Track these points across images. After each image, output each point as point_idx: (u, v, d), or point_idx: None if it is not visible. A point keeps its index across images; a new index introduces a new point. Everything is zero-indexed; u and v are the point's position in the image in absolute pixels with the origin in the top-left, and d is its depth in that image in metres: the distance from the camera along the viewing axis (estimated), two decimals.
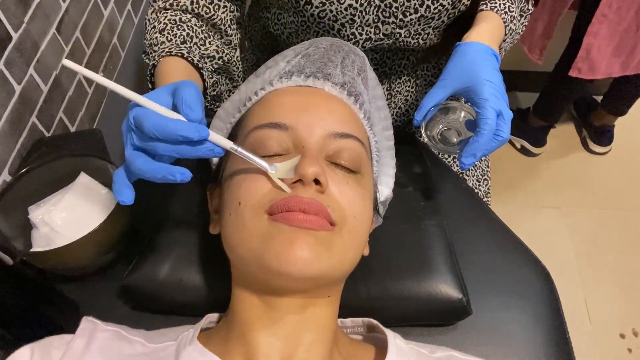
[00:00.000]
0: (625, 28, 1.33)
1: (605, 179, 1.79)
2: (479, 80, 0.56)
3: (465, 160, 0.56)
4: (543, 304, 0.62)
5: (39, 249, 0.61)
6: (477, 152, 0.55)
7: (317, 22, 0.66)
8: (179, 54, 0.59)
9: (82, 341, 0.46)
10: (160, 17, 0.64)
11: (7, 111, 0.66)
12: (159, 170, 0.41)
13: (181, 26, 0.63)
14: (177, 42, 0.61)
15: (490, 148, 0.55)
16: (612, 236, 1.63)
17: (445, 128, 0.63)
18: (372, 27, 0.67)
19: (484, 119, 0.54)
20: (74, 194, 0.65)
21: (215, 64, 0.67)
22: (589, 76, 1.42)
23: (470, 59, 0.58)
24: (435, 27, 0.68)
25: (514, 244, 0.68)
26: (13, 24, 0.67)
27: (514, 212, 1.64)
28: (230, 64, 0.70)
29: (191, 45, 0.63)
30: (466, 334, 0.60)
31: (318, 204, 0.44)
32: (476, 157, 0.55)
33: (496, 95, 0.55)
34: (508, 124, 0.56)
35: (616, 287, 1.51)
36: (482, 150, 0.55)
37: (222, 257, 0.52)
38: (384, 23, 0.66)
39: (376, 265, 0.58)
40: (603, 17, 1.31)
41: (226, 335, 0.47)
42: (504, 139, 0.55)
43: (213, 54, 0.66)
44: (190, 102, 0.41)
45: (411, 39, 0.69)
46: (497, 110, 0.55)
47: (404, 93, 0.79)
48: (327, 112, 0.50)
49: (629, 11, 1.29)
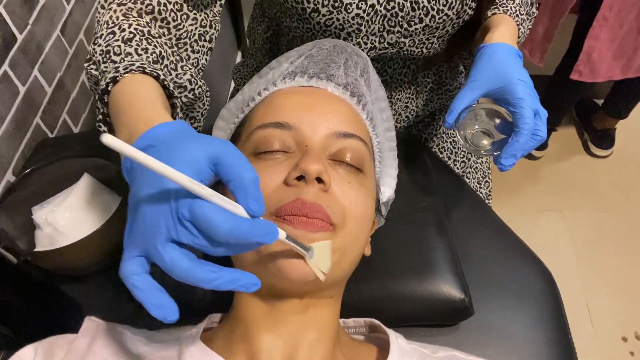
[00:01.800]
0: (626, 31, 1.33)
1: (607, 182, 1.79)
2: (512, 80, 0.55)
3: (505, 161, 0.54)
4: (545, 304, 0.62)
5: (42, 248, 0.62)
6: (517, 152, 0.54)
7: (323, 30, 0.66)
8: (154, 73, 0.46)
9: (85, 340, 0.47)
10: (123, 22, 0.50)
11: (12, 112, 0.67)
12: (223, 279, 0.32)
13: (152, 41, 0.51)
14: (150, 60, 0.49)
15: (529, 148, 0.54)
16: (614, 239, 1.62)
17: (475, 131, 0.61)
18: (377, 37, 0.67)
19: (522, 119, 0.53)
20: (77, 195, 0.65)
21: (184, 97, 0.55)
22: (590, 79, 1.43)
23: (499, 60, 0.57)
24: (440, 36, 0.68)
25: (515, 245, 0.68)
26: (18, 25, 0.67)
27: (515, 215, 1.64)
28: (199, 100, 0.58)
29: (162, 67, 0.51)
30: (468, 335, 0.60)
31: (319, 206, 0.44)
32: (516, 158, 0.54)
33: (531, 94, 0.55)
34: (545, 122, 0.55)
35: (618, 290, 1.50)
36: (522, 150, 0.54)
37: (225, 257, 0.52)
38: (389, 32, 0.67)
39: (378, 266, 0.59)
40: (604, 21, 1.31)
41: (229, 334, 0.48)
42: (542, 138, 0.55)
43: (186, 84, 0.54)
44: (254, 193, 0.32)
45: (415, 48, 0.69)
46: (533, 110, 0.54)
47: (404, 100, 0.79)
48: (330, 112, 0.51)
49: (629, 14, 1.29)
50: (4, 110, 0.65)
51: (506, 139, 0.56)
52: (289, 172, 0.45)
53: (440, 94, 0.83)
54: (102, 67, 0.48)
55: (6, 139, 0.66)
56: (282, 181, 0.46)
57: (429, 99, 0.81)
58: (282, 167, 0.46)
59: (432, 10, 0.64)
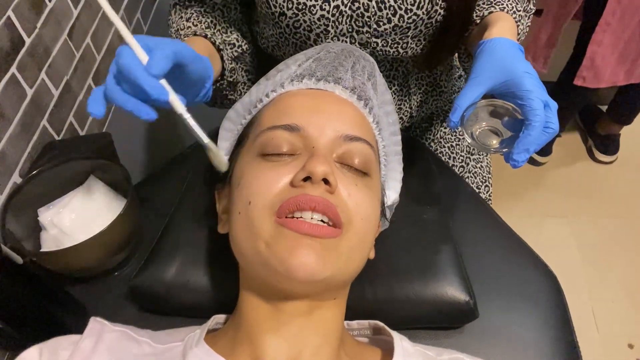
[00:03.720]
0: (629, 36, 1.33)
1: (612, 188, 1.78)
2: (517, 72, 0.52)
3: (517, 157, 0.51)
4: (550, 307, 0.62)
5: (48, 249, 0.62)
6: (530, 146, 0.50)
7: (293, 32, 0.67)
8: (203, 34, 0.64)
9: (90, 341, 0.47)
10: (186, 11, 0.69)
11: (19, 114, 0.67)
12: (128, 103, 0.41)
13: (206, 15, 0.69)
14: (202, 27, 0.67)
15: (542, 142, 0.51)
16: (619, 245, 1.61)
17: (482, 129, 0.57)
18: (347, 37, 0.67)
19: (532, 111, 0.50)
20: (82, 196, 0.66)
21: (234, 52, 0.70)
22: (593, 85, 1.43)
23: (501, 54, 0.55)
24: (414, 36, 0.67)
25: (519, 247, 0.68)
26: (26, 29, 0.68)
27: (520, 220, 1.62)
28: (247, 53, 0.74)
29: (214, 31, 0.68)
30: (473, 337, 0.59)
31: (327, 202, 0.44)
32: (529, 152, 0.50)
33: (538, 86, 0.51)
34: (555, 114, 0.52)
35: (624, 296, 1.49)
36: (534, 144, 0.50)
37: (229, 259, 0.52)
38: (358, 32, 0.66)
39: (382, 268, 0.58)
40: (606, 26, 1.31)
41: (233, 336, 0.48)
42: (555, 131, 0.51)
43: (233, 41, 0.70)
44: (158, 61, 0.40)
45: (389, 48, 0.69)
46: (543, 101, 0.51)
47: (397, 102, 0.79)
48: (337, 114, 0.51)
49: (632, 19, 1.29)
50: (12, 112, 0.66)
51: (515, 136, 0.53)
52: (295, 173, 0.46)
53: (435, 96, 0.83)
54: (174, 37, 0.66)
55: (13, 141, 0.66)
56: (288, 182, 0.46)
57: (423, 100, 0.81)
58: (289, 168, 0.47)
59: (399, 9, 0.63)
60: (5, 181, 0.65)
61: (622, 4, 1.26)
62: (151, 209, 0.70)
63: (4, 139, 0.65)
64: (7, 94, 0.65)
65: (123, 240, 0.64)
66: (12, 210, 0.62)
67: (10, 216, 0.61)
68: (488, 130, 0.57)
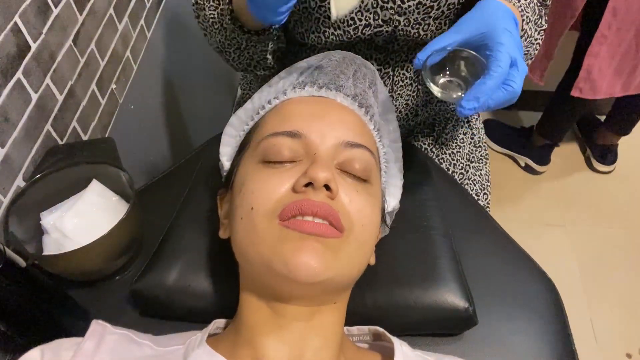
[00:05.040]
0: (625, 49, 1.34)
1: (610, 197, 1.79)
2: (497, 27, 0.50)
3: (465, 103, 0.48)
4: (549, 315, 0.62)
5: (50, 253, 0.62)
6: (480, 95, 0.47)
7: (318, 6, 0.66)
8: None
9: (92, 343, 0.47)
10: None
11: (24, 119, 0.68)
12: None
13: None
14: None
15: (497, 98, 0.48)
16: (618, 255, 1.62)
17: (448, 79, 0.54)
18: (371, 13, 0.66)
19: (495, 61, 0.48)
20: (85, 201, 0.66)
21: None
22: (590, 96, 1.43)
23: (490, 12, 0.52)
24: (436, 17, 0.67)
25: (518, 255, 0.68)
26: (32, 34, 0.69)
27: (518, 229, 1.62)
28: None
29: None
30: (472, 344, 0.59)
31: (329, 207, 0.45)
32: (479, 102, 0.47)
33: (513, 43, 0.49)
34: (521, 76, 0.49)
35: (622, 306, 1.49)
36: (486, 94, 0.47)
37: (231, 264, 0.52)
38: (382, 9, 0.66)
39: (383, 274, 0.59)
40: (603, 39, 1.32)
41: (234, 340, 0.48)
42: (514, 91, 0.48)
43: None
44: None
45: (411, 28, 0.69)
46: (512, 58, 0.48)
47: (405, 97, 0.79)
48: (339, 121, 0.52)
49: (628, 32, 1.30)
50: (17, 116, 0.66)
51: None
52: (297, 179, 0.46)
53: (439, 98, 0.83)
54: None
55: (17, 145, 0.67)
56: (289, 188, 0.46)
57: (428, 100, 0.81)
58: (290, 174, 0.47)
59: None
60: (9, 184, 0.66)
61: (618, 17, 1.28)
62: (153, 214, 0.71)
63: (9, 142, 0.65)
64: (12, 99, 0.66)
65: (125, 245, 0.64)
66: (16, 214, 0.62)
67: (14, 219, 0.62)
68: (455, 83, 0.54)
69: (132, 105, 1.00)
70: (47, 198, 0.66)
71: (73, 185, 0.68)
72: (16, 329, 0.53)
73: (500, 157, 1.91)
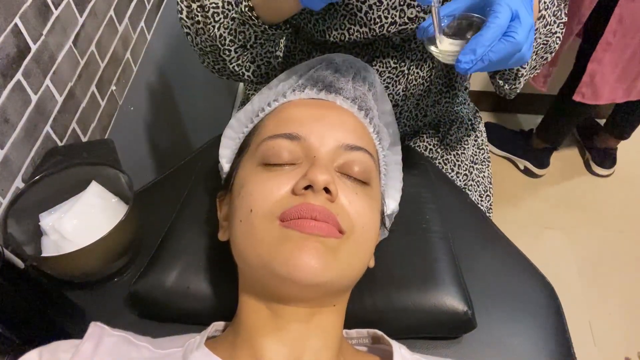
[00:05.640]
0: (629, 56, 1.34)
1: (609, 201, 1.79)
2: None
3: (462, 57, 0.45)
4: (548, 319, 0.62)
5: (48, 255, 0.62)
6: (477, 47, 0.44)
7: (345, 3, 0.65)
8: None
9: (90, 344, 0.47)
10: None
11: (23, 120, 0.68)
12: None
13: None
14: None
15: (498, 51, 0.45)
16: (617, 258, 1.62)
17: (451, 42, 0.51)
18: (397, 10, 0.66)
19: (493, 13, 0.45)
20: (84, 202, 0.66)
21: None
22: (592, 101, 1.44)
23: None
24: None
25: (517, 259, 0.68)
26: (32, 36, 0.69)
27: (517, 232, 1.63)
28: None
29: None
30: (471, 348, 0.59)
31: (328, 211, 0.45)
32: (475, 54, 0.44)
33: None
34: (525, 28, 0.45)
35: (621, 309, 1.49)
36: (484, 46, 0.44)
37: (229, 266, 0.52)
38: (409, 6, 0.65)
39: (381, 277, 0.59)
40: (607, 45, 1.32)
41: (233, 341, 0.48)
42: (517, 42, 0.45)
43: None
44: None
45: None
46: (512, 10, 0.45)
47: (417, 96, 0.79)
48: (338, 124, 0.52)
49: (632, 40, 1.30)
50: (16, 118, 0.66)
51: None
52: (296, 181, 0.46)
53: (448, 98, 0.83)
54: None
55: (17, 146, 0.67)
56: (289, 190, 0.46)
57: (437, 100, 0.81)
58: (290, 176, 0.47)
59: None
60: (8, 186, 0.66)
61: (624, 24, 1.28)
62: (152, 215, 0.71)
63: (8, 144, 0.65)
64: (12, 100, 0.66)
65: (124, 247, 0.64)
66: (15, 215, 0.62)
67: (12, 220, 0.62)
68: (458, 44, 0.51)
69: (132, 106, 1.00)
70: (46, 199, 0.66)
71: (72, 187, 0.68)
72: (14, 331, 0.53)
73: (499, 160, 1.91)
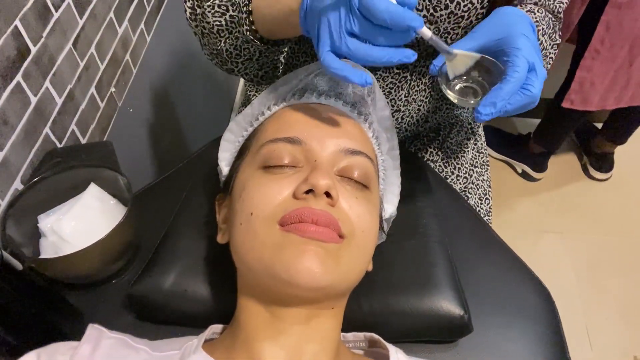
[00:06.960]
0: (619, 65, 1.34)
1: (606, 205, 1.80)
2: (515, 32, 0.49)
3: (482, 109, 0.47)
4: (544, 323, 0.62)
5: (47, 256, 0.62)
6: (497, 100, 0.46)
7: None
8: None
9: (88, 347, 0.47)
10: None
11: (23, 121, 0.68)
12: (391, 54, 0.42)
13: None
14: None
15: (514, 103, 0.47)
16: (614, 262, 1.62)
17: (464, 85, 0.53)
18: None
19: (512, 67, 0.47)
20: (83, 204, 0.66)
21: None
22: (581, 107, 1.43)
23: (506, 17, 0.52)
24: (464, 27, 0.67)
25: (514, 264, 0.68)
26: (32, 38, 0.69)
27: (515, 236, 1.64)
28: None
29: None
30: (467, 352, 0.60)
31: (329, 215, 0.45)
32: (496, 108, 0.47)
33: (531, 48, 0.49)
34: (540, 81, 0.48)
35: (618, 313, 1.50)
36: (503, 99, 0.46)
37: (228, 269, 0.53)
38: None
39: (379, 281, 0.59)
40: (595, 53, 1.32)
41: (230, 344, 0.48)
42: (533, 96, 0.48)
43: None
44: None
45: (440, 37, 0.68)
46: (529, 63, 0.47)
47: (419, 102, 0.79)
48: (338, 129, 0.52)
49: (622, 49, 1.30)
50: (16, 119, 0.67)
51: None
52: (297, 185, 0.47)
53: (448, 104, 0.83)
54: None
55: (16, 148, 0.67)
56: (290, 194, 0.47)
57: (438, 107, 0.82)
58: (291, 180, 0.47)
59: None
60: (7, 187, 0.66)
61: (611, 32, 1.27)
62: (151, 218, 0.71)
63: (7, 145, 0.65)
64: (11, 102, 0.66)
65: (122, 249, 0.64)
66: (13, 217, 0.62)
67: (11, 222, 0.62)
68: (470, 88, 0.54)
69: (131, 109, 1.00)
70: (44, 201, 0.66)
71: (71, 189, 0.68)
72: (12, 333, 0.53)
73: (497, 164, 1.92)
